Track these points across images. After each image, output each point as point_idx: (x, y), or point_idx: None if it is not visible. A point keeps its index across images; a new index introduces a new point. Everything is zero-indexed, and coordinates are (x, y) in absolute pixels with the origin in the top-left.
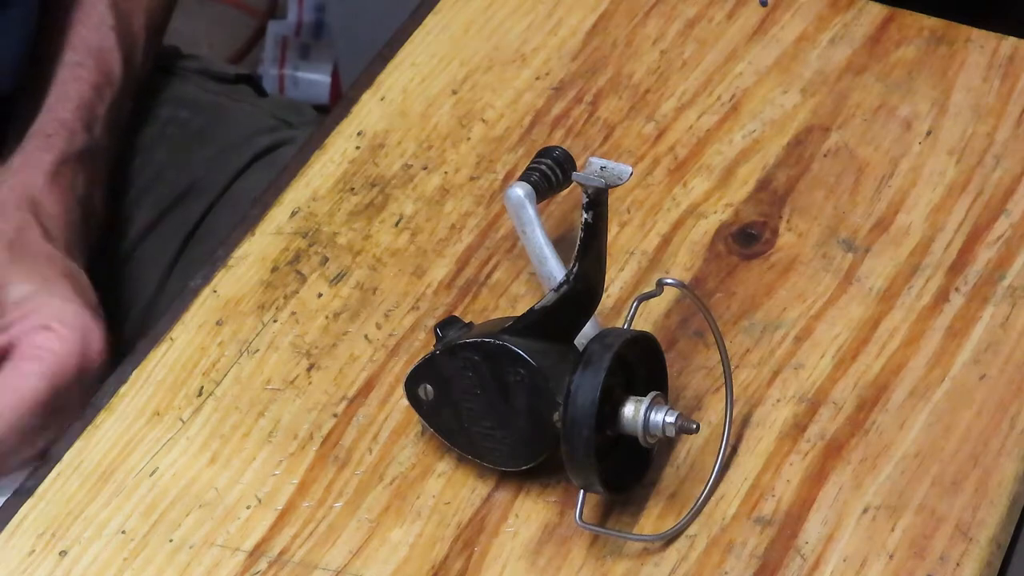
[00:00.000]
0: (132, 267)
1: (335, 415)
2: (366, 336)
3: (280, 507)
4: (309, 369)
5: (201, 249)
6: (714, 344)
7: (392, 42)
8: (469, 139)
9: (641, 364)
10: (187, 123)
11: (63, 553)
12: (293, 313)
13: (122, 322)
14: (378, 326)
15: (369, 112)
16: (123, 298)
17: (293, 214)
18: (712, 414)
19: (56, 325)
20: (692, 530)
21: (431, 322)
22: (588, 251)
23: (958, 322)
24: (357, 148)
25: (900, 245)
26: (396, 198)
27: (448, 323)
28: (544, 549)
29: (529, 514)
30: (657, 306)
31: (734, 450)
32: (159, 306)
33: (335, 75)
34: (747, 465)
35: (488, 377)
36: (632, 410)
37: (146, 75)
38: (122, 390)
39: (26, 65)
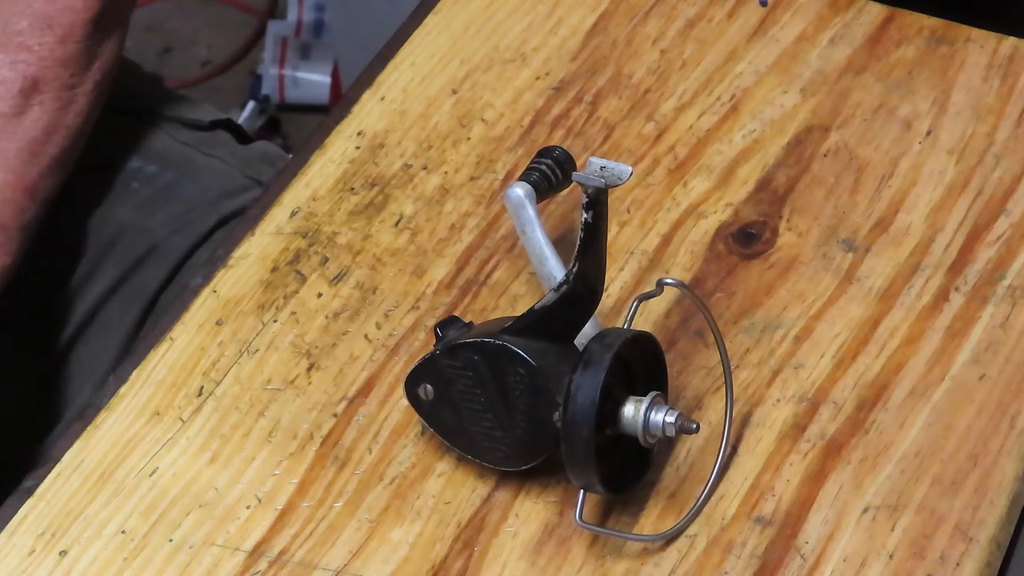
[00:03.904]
0: (92, 331)
1: (335, 415)
2: (366, 336)
3: (280, 507)
4: (309, 369)
5: (163, 321)
6: (714, 344)
7: (392, 42)
8: (469, 139)
9: (641, 364)
10: (153, 178)
11: (63, 553)
12: (293, 313)
13: (82, 385)
14: (378, 326)
15: (369, 112)
16: (83, 363)
17: (293, 214)
18: (712, 414)
19: None
20: (692, 530)
21: (431, 322)
22: (588, 251)
23: (958, 322)
24: (357, 148)
25: (900, 245)
26: (396, 198)
27: (448, 323)
28: (544, 549)
29: (529, 514)
30: (657, 306)
31: (734, 450)
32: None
33: (335, 75)
34: (747, 465)
35: (488, 377)
36: (632, 410)
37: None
38: (122, 390)
39: None
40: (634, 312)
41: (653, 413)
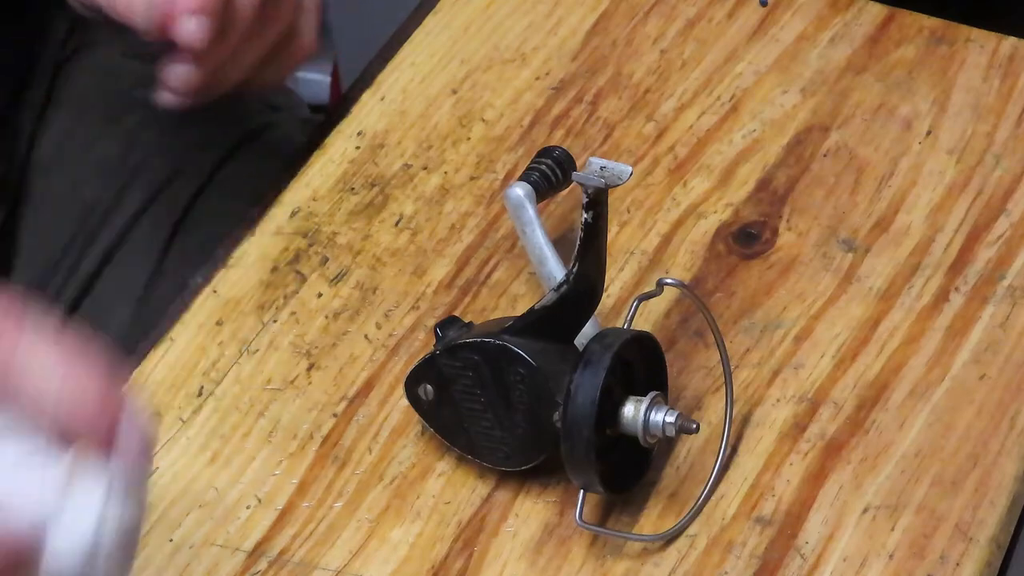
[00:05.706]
0: (122, 253)
1: (335, 415)
2: (366, 336)
3: (280, 507)
4: (309, 369)
5: (193, 239)
6: (714, 344)
7: (392, 42)
8: (469, 139)
9: (641, 364)
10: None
11: None
12: (293, 313)
13: (116, 307)
14: (378, 326)
15: (369, 112)
16: (115, 284)
17: (293, 214)
18: (712, 414)
19: None
20: (692, 530)
21: (431, 322)
22: (588, 251)
23: (958, 322)
24: (357, 148)
25: (900, 245)
26: (396, 198)
27: (448, 323)
28: (544, 549)
29: (529, 514)
30: (657, 306)
31: (734, 450)
32: (154, 295)
33: (335, 75)
34: (747, 465)
35: (488, 377)
36: (632, 410)
37: None
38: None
39: None
40: (634, 312)
41: (653, 413)
